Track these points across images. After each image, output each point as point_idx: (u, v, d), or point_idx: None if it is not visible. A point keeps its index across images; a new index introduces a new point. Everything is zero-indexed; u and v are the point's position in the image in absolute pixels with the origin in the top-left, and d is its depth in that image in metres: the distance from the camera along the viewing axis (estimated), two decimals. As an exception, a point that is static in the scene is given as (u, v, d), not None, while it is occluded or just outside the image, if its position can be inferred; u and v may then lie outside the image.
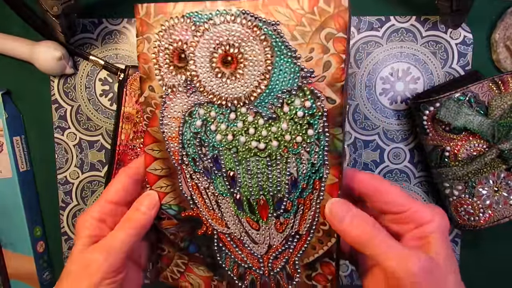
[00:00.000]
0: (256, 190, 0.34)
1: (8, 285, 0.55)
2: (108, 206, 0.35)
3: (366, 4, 0.52)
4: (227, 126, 0.34)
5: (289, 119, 0.32)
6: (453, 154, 0.47)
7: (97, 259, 0.32)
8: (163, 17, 0.33)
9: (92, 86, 0.53)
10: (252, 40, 0.31)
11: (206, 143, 0.34)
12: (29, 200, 0.54)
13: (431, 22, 0.51)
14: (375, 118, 0.53)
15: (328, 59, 0.31)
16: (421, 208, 0.32)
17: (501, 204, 0.47)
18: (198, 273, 0.37)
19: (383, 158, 0.53)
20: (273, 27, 0.31)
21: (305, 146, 0.33)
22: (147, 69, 0.34)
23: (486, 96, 0.46)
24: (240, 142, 0.33)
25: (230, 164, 0.34)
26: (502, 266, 0.55)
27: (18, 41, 0.51)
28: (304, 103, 0.32)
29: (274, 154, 0.33)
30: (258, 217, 0.35)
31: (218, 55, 0.32)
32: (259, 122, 0.33)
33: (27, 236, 0.53)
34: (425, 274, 0.28)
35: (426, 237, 0.31)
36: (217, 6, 0.32)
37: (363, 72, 0.52)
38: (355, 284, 0.56)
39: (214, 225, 0.36)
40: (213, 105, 0.33)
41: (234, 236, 0.36)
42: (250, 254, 0.36)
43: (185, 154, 0.35)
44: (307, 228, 0.34)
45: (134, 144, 0.52)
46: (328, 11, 0.30)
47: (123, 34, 0.52)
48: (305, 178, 0.33)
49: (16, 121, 0.53)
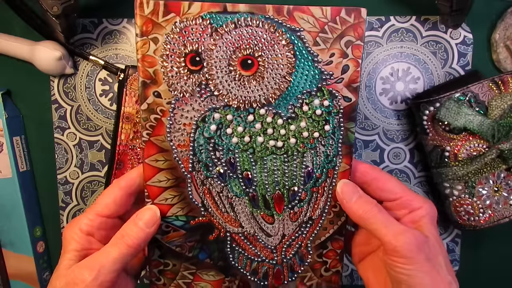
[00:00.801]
0: (272, 186, 0.35)
1: (8, 285, 0.55)
2: (98, 219, 0.33)
3: (366, 4, 0.52)
4: (244, 128, 0.34)
5: (308, 117, 0.34)
6: (453, 154, 0.47)
7: (85, 278, 0.30)
8: (175, 16, 0.31)
9: (92, 86, 0.53)
10: (275, 44, 0.33)
11: (221, 147, 0.34)
12: (29, 200, 0.54)
13: (431, 22, 0.51)
14: (375, 118, 0.53)
15: (347, 63, 0.34)
16: (413, 197, 0.35)
17: (501, 204, 0.47)
18: (208, 279, 0.37)
19: (383, 158, 0.53)
20: (297, 33, 0.33)
21: (321, 141, 0.35)
22: (153, 73, 0.32)
23: (486, 96, 0.46)
24: (258, 142, 0.34)
25: (246, 165, 0.35)
26: (502, 266, 0.55)
27: (18, 41, 0.51)
28: (323, 102, 0.34)
29: (291, 151, 0.35)
30: (273, 211, 0.36)
31: (238, 58, 0.33)
32: (277, 122, 0.34)
33: (27, 236, 0.53)
34: (418, 247, 0.31)
35: (418, 221, 0.34)
36: (239, 8, 0.32)
37: (363, 72, 0.52)
38: (355, 284, 0.56)
39: (227, 227, 0.36)
40: (230, 109, 0.33)
41: (248, 233, 0.36)
42: (263, 248, 0.37)
43: (197, 160, 0.34)
44: (319, 213, 0.36)
45: (134, 144, 0.52)
46: (348, 21, 0.33)
47: (123, 34, 0.52)
48: (319, 168, 0.35)
49: (16, 121, 0.53)
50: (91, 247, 0.32)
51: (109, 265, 0.30)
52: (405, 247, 0.31)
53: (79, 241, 0.32)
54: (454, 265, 0.55)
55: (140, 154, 0.51)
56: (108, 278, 0.30)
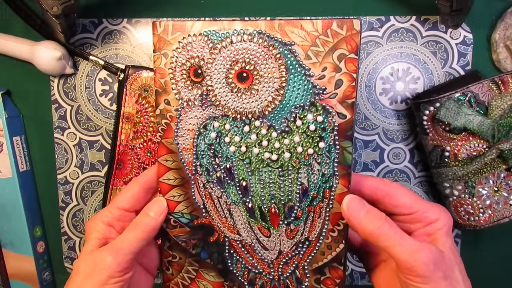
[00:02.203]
0: (268, 199, 0.36)
1: (8, 285, 0.55)
2: (118, 212, 0.37)
3: (366, 4, 0.52)
4: (241, 138, 0.35)
5: (301, 132, 0.35)
6: (453, 154, 0.47)
7: (106, 258, 0.33)
8: (180, 34, 0.35)
9: (92, 86, 0.53)
10: (267, 58, 0.34)
11: (220, 154, 0.36)
12: (29, 200, 0.54)
13: (431, 22, 0.51)
14: (375, 118, 0.53)
15: (340, 78, 0.33)
16: (428, 208, 0.34)
17: (501, 204, 0.47)
18: (209, 279, 0.38)
19: (383, 158, 0.53)
20: (288, 47, 0.33)
21: (316, 158, 0.35)
22: (164, 83, 0.35)
23: (486, 96, 0.46)
24: (253, 153, 0.35)
25: (243, 174, 0.36)
26: (502, 266, 0.55)
27: (18, 41, 0.51)
28: (316, 118, 0.34)
29: (286, 165, 0.35)
30: (269, 225, 0.37)
31: (234, 71, 0.34)
32: (272, 134, 0.35)
33: (27, 236, 0.53)
34: (435, 264, 0.31)
35: (433, 234, 0.33)
36: (234, 25, 0.34)
37: (363, 72, 0.52)
38: (355, 284, 0.56)
39: (226, 232, 0.37)
40: (228, 118, 0.35)
41: (245, 243, 0.37)
42: (260, 260, 0.37)
43: (199, 164, 0.36)
44: (316, 234, 0.36)
45: (134, 144, 0.52)
46: (340, 33, 0.33)
47: (123, 34, 0.52)
48: (315, 187, 0.35)
49: (16, 121, 0.53)
50: (111, 236, 0.36)
51: (126, 247, 0.34)
52: (422, 267, 0.30)
53: (100, 231, 0.36)
54: (454, 265, 0.55)
55: (140, 154, 0.51)
56: (126, 259, 0.34)
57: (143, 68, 0.51)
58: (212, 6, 0.52)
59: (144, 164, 0.52)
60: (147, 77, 0.51)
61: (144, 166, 0.52)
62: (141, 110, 0.51)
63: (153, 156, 0.52)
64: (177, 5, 0.52)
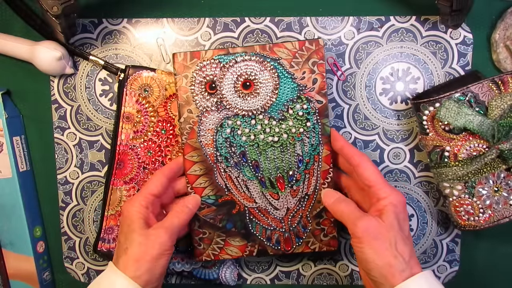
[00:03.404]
0: (274, 171, 0.48)
1: (8, 285, 0.55)
2: (150, 198, 0.45)
3: (366, 4, 0.52)
4: (249, 130, 0.48)
5: (293, 118, 0.48)
6: (453, 154, 0.47)
7: (162, 235, 0.43)
8: (197, 60, 0.47)
9: (92, 86, 0.53)
10: (263, 70, 0.47)
11: (235, 144, 0.48)
12: (29, 200, 0.54)
13: (431, 22, 0.51)
14: (375, 118, 0.53)
15: (315, 77, 0.47)
16: (382, 187, 0.43)
17: (501, 204, 0.47)
18: (235, 244, 0.49)
19: (383, 158, 0.53)
20: (277, 61, 0.47)
21: (306, 134, 0.48)
22: (186, 97, 0.47)
23: (486, 96, 0.46)
24: (260, 139, 0.48)
25: (254, 155, 0.48)
26: (502, 266, 0.55)
27: (18, 41, 0.51)
28: (302, 106, 0.48)
29: (285, 143, 0.48)
30: (277, 190, 0.49)
31: (240, 82, 0.47)
32: (272, 123, 0.48)
33: (27, 236, 0.53)
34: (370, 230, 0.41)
35: (381, 209, 0.43)
36: (237, 50, 0.47)
37: (363, 72, 0.52)
38: (355, 284, 0.56)
39: (245, 203, 0.49)
40: (238, 116, 0.48)
41: (261, 208, 0.49)
42: (273, 219, 0.49)
43: (219, 154, 0.48)
44: (313, 189, 0.49)
45: (134, 144, 0.52)
46: (311, 48, 0.47)
47: (123, 34, 0.52)
48: (308, 155, 0.48)
49: (16, 121, 0.53)
50: (149, 217, 0.45)
51: (175, 228, 0.45)
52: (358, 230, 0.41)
53: (142, 212, 0.44)
54: (454, 265, 0.55)
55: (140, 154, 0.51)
56: (173, 238, 0.44)
57: (143, 68, 0.51)
58: (212, 6, 0.52)
59: (144, 164, 0.52)
60: (147, 77, 0.51)
61: (144, 165, 0.52)
62: (141, 110, 0.51)
63: (153, 155, 0.52)
64: (177, 5, 0.52)
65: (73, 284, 0.57)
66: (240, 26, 0.52)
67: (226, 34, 0.52)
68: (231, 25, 0.52)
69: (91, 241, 0.55)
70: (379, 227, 0.41)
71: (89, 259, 0.55)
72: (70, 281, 0.57)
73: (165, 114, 0.51)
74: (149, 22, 0.52)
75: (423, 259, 0.55)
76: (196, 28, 0.52)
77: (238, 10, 0.52)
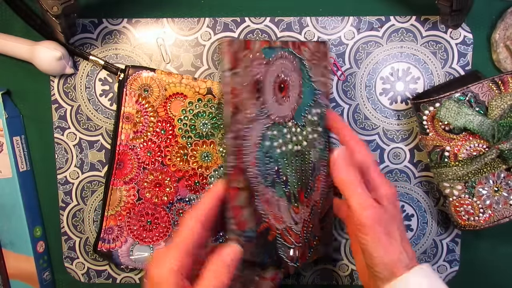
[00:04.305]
0: (297, 183, 0.43)
1: (8, 285, 0.55)
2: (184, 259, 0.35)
3: (366, 4, 0.52)
4: (282, 140, 0.41)
5: (310, 123, 0.43)
6: (453, 154, 0.47)
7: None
8: (248, 53, 0.38)
9: (92, 86, 0.53)
10: (293, 70, 0.42)
11: (273, 158, 0.40)
12: (29, 200, 0.54)
13: (431, 22, 0.51)
14: (375, 118, 0.53)
15: (326, 81, 0.45)
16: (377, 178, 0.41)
17: (501, 204, 0.47)
18: (267, 276, 0.41)
19: (383, 158, 0.53)
20: (302, 62, 0.43)
21: (318, 139, 0.44)
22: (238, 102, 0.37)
23: (486, 96, 0.46)
24: (288, 149, 0.41)
25: (285, 170, 0.41)
26: (502, 266, 0.55)
27: (18, 41, 0.51)
28: (317, 111, 0.44)
29: (303, 152, 0.43)
30: (299, 203, 0.43)
31: (277, 83, 0.40)
32: (297, 130, 0.42)
33: (27, 236, 0.53)
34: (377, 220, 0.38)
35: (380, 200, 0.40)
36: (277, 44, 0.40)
37: (363, 72, 0.52)
38: (355, 284, 0.56)
39: (277, 225, 0.41)
40: (275, 125, 0.40)
41: (288, 227, 0.42)
42: (295, 235, 0.43)
43: (260, 174, 0.39)
44: (319, 195, 0.45)
45: (134, 144, 0.52)
46: (325, 51, 0.45)
47: (123, 34, 0.52)
48: (317, 161, 0.44)
49: (16, 121, 0.53)
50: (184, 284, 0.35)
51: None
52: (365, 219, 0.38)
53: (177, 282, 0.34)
54: (454, 265, 0.55)
55: (140, 154, 0.51)
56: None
57: (143, 68, 0.51)
58: (212, 6, 0.52)
59: (144, 164, 0.52)
60: (147, 77, 0.51)
61: (144, 166, 0.52)
62: (141, 110, 0.51)
63: (152, 156, 0.52)
64: (177, 5, 0.52)
65: (73, 284, 0.57)
66: (240, 26, 0.52)
67: (226, 34, 0.52)
68: (231, 25, 0.52)
69: (91, 241, 0.55)
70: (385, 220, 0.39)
71: (89, 259, 0.55)
72: (70, 281, 0.57)
73: (164, 114, 0.51)
74: (149, 22, 0.52)
75: (423, 259, 0.55)
76: (196, 28, 0.52)
77: (238, 10, 0.52)
